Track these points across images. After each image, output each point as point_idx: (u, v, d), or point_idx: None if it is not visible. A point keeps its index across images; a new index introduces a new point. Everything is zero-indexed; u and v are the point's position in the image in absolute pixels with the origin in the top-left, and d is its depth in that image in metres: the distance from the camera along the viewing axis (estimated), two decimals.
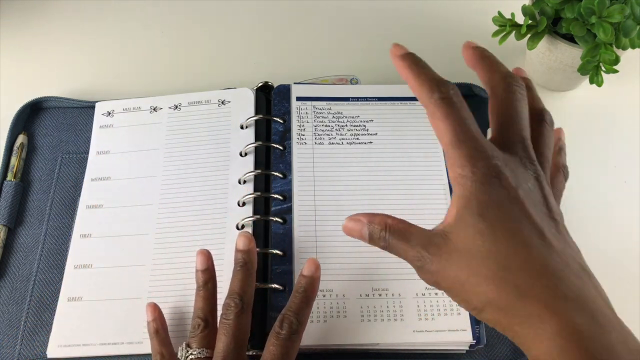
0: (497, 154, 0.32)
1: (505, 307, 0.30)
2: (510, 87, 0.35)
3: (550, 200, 0.33)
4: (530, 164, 0.33)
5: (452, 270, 0.31)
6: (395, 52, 0.37)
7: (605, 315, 0.31)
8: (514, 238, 0.30)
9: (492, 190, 0.31)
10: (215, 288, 0.45)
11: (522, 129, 0.34)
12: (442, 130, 0.33)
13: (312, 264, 0.44)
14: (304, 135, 0.54)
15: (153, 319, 0.45)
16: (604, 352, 0.29)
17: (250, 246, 0.46)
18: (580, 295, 0.30)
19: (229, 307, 0.42)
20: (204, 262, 0.45)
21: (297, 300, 0.42)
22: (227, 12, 0.70)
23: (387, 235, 0.34)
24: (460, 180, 0.32)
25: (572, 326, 0.29)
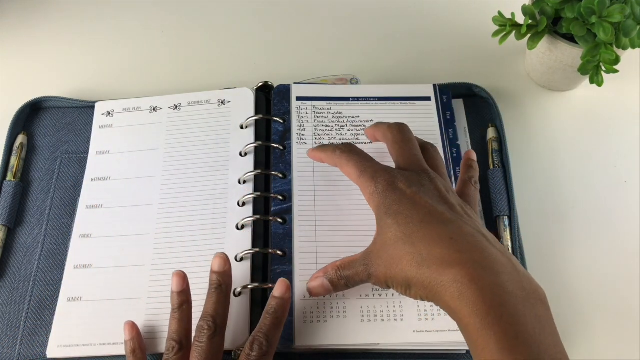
0: (392, 170, 0.43)
1: (418, 274, 0.38)
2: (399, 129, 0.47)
3: (443, 192, 0.42)
4: (423, 172, 0.43)
5: (382, 263, 0.40)
6: (309, 153, 0.50)
7: (496, 261, 0.37)
8: (412, 220, 0.39)
9: (392, 194, 0.41)
10: (190, 310, 0.45)
11: (413, 152, 0.45)
12: (349, 171, 0.44)
13: (283, 284, 0.44)
14: (304, 135, 0.54)
15: (131, 338, 0.45)
16: (494, 289, 0.35)
17: (225, 268, 0.46)
18: (473, 249, 0.37)
19: (202, 329, 0.42)
20: (180, 284, 0.45)
21: (267, 322, 0.43)
22: (227, 12, 0.70)
23: (340, 272, 0.43)
24: (371, 198, 0.42)
25: (465, 272, 0.36)
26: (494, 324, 0.34)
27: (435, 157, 0.47)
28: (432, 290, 0.37)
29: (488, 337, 0.34)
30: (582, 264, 0.53)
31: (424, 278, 0.37)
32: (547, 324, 0.35)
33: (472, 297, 0.35)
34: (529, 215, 0.55)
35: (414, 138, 0.47)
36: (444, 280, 0.36)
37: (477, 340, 0.35)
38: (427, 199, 0.41)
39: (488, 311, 0.34)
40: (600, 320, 0.51)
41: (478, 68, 0.65)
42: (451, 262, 0.36)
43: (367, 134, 0.50)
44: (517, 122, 0.61)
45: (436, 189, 0.42)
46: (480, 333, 0.34)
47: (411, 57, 0.66)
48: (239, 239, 0.50)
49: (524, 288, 0.36)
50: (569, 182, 0.58)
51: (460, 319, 0.36)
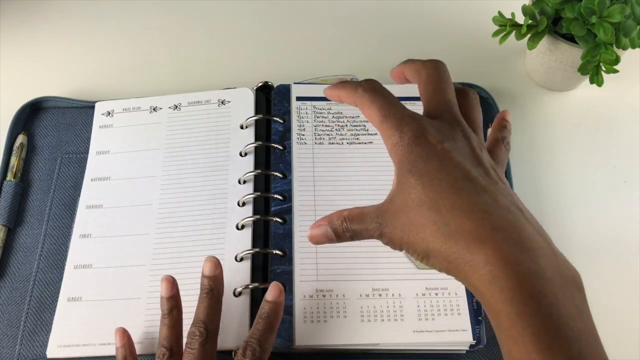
0: (421, 119, 0.36)
1: (442, 247, 0.33)
2: (434, 66, 0.39)
3: (477, 152, 0.36)
4: (457, 124, 0.37)
5: (399, 226, 0.35)
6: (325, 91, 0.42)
7: (535, 243, 0.32)
8: (440, 184, 0.34)
9: (419, 149, 0.35)
10: (181, 315, 0.45)
11: (447, 98, 0.38)
12: (370, 114, 0.37)
13: (276, 288, 0.44)
14: (304, 135, 0.54)
15: (122, 345, 0.45)
16: (532, 276, 0.31)
17: (216, 272, 0.45)
18: (509, 227, 0.32)
19: (194, 335, 0.42)
20: (169, 289, 0.44)
21: (260, 326, 0.42)
22: (227, 12, 0.70)
23: (348, 224, 0.38)
24: (393, 149, 0.36)
25: (499, 254, 0.31)
26: (531, 315, 0.30)
27: (473, 106, 0.40)
28: (458, 267, 0.33)
29: (523, 329, 0.30)
30: (582, 263, 0.53)
31: (449, 252, 0.33)
32: (586, 316, 0.32)
33: (507, 284, 0.31)
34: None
35: (450, 81, 0.40)
36: (475, 260, 0.32)
37: (509, 329, 0.31)
38: (460, 158, 0.35)
39: (525, 301, 0.30)
40: (600, 320, 0.50)
41: (478, 68, 0.65)
42: (484, 240, 0.32)
43: (394, 75, 0.43)
44: (517, 122, 0.61)
45: (470, 146, 0.36)
46: (513, 323, 0.30)
47: (411, 57, 0.66)
48: (239, 239, 0.50)
49: (563, 275, 0.32)
50: (569, 182, 0.58)
51: (490, 305, 0.32)
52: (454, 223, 0.33)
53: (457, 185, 0.34)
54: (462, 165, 0.34)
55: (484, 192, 0.34)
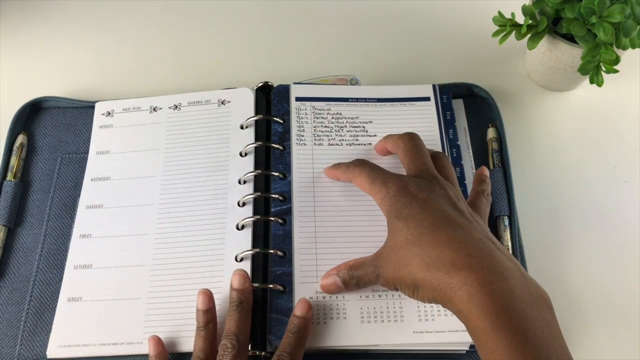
0: (403, 176, 0.44)
1: (426, 276, 0.39)
2: (410, 137, 0.48)
3: (454, 199, 0.43)
4: (435, 179, 0.44)
5: (391, 265, 0.41)
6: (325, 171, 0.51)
7: (504, 266, 0.38)
8: (423, 224, 0.40)
9: (403, 199, 0.42)
10: (216, 328, 0.45)
11: (423, 161, 0.46)
12: (361, 182, 0.46)
13: (305, 304, 0.45)
14: (303, 136, 0.54)
15: (156, 354, 0.45)
16: (503, 293, 0.36)
17: (246, 285, 0.46)
18: (482, 254, 0.38)
19: (226, 348, 0.43)
20: (206, 302, 0.45)
21: (291, 340, 0.43)
22: (227, 12, 0.70)
23: (352, 273, 0.44)
24: (382, 202, 0.44)
25: (474, 275, 0.37)
26: (503, 327, 0.35)
27: (446, 165, 0.48)
28: (441, 292, 0.38)
29: (497, 340, 0.35)
30: (582, 264, 0.53)
31: (432, 280, 0.38)
32: (554, 328, 0.36)
33: (481, 300, 0.36)
34: (529, 215, 0.55)
35: (424, 146, 0.48)
36: (453, 282, 0.37)
37: (486, 342, 0.35)
38: (438, 203, 0.42)
39: (498, 314, 0.35)
40: (600, 320, 0.51)
41: (478, 68, 0.65)
42: (461, 266, 0.37)
43: (377, 149, 0.52)
44: (517, 122, 0.61)
45: (447, 195, 0.43)
46: (490, 336, 0.35)
47: (411, 57, 0.66)
48: (239, 239, 0.50)
49: (532, 293, 0.37)
50: (569, 182, 0.58)
51: (468, 321, 0.37)
52: (435, 254, 0.39)
53: (436, 223, 0.40)
54: (440, 208, 0.41)
55: (460, 228, 0.40)
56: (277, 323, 0.46)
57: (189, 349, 0.46)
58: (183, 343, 0.46)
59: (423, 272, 0.39)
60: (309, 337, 0.45)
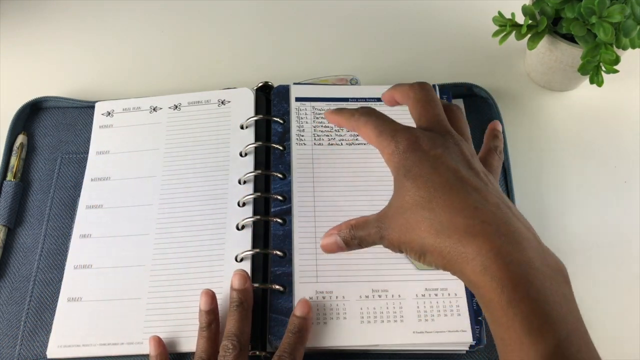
0: (414, 130, 0.39)
1: (436, 243, 0.35)
2: (421, 87, 0.43)
3: (468, 157, 0.39)
4: (448, 134, 0.40)
5: (396, 227, 0.37)
6: (326, 115, 0.45)
7: (522, 235, 0.35)
8: (433, 185, 0.36)
9: (413, 155, 0.37)
10: (218, 328, 0.45)
11: (436, 112, 0.41)
12: (367, 133, 0.41)
13: (305, 304, 0.45)
14: (303, 136, 0.54)
15: (157, 354, 0.45)
16: (521, 265, 0.33)
17: (246, 285, 0.46)
18: (499, 222, 0.35)
19: (227, 348, 0.43)
20: (209, 303, 0.46)
21: (291, 340, 0.43)
22: (227, 12, 0.70)
23: (354, 232, 0.40)
24: (390, 158, 0.39)
25: (489, 245, 0.33)
26: (520, 302, 0.32)
27: (460, 118, 0.44)
28: (451, 260, 0.35)
29: (513, 315, 0.32)
30: (582, 264, 0.53)
31: (442, 247, 0.35)
32: (572, 303, 0.34)
33: (497, 272, 0.33)
34: (529, 215, 0.54)
35: (437, 98, 0.43)
36: (467, 251, 0.34)
37: (501, 317, 0.33)
38: (451, 161, 0.37)
39: (514, 288, 0.32)
40: (600, 320, 0.51)
41: (478, 68, 0.65)
42: (475, 233, 0.34)
43: (385, 99, 0.46)
44: (517, 122, 0.61)
45: (461, 152, 0.39)
46: (505, 310, 0.32)
47: (411, 57, 0.66)
48: (239, 239, 0.50)
49: (550, 265, 0.34)
50: (569, 182, 0.58)
51: (482, 294, 0.34)
52: (447, 219, 0.35)
53: (449, 185, 0.36)
54: (454, 167, 0.37)
55: (475, 191, 0.36)
56: (277, 323, 0.46)
57: (190, 349, 0.46)
58: (183, 343, 0.46)
59: (432, 238, 0.35)
60: (309, 337, 0.45)
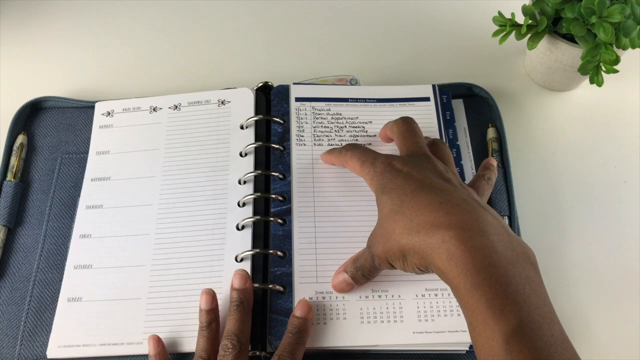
0: (390, 156, 0.44)
1: (410, 241, 0.38)
2: (403, 121, 0.48)
3: (441, 170, 0.43)
4: (424, 156, 0.44)
5: (380, 240, 0.41)
6: (321, 157, 0.52)
7: (487, 222, 0.37)
8: (405, 192, 0.40)
9: (388, 175, 0.42)
10: (219, 328, 0.45)
11: (415, 140, 0.46)
12: (353, 165, 0.46)
13: (305, 305, 0.45)
14: (303, 137, 0.54)
15: (156, 353, 0.45)
16: (483, 250, 0.35)
17: (246, 285, 0.46)
18: (462, 212, 0.37)
19: (227, 348, 0.43)
20: (209, 302, 0.46)
21: (291, 341, 0.44)
22: (227, 12, 0.70)
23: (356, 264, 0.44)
24: (371, 182, 0.44)
25: (453, 232, 0.36)
26: (483, 284, 0.34)
27: (442, 148, 0.48)
28: (423, 254, 0.37)
29: (478, 297, 0.34)
30: (582, 263, 0.53)
31: (414, 243, 0.38)
32: (536, 285, 0.35)
33: (461, 258, 0.35)
34: (529, 215, 0.55)
35: (418, 129, 0.48)
36: (433, 242, 0.37)
37: (467, 301, 0.35)
38: (422, 173, 0.41)
39: (477, 272, 0.35)
40: (600, 320, 0.51)
41: (478, 68, 0.65)
42: (439, 225, 0.37)
43: (380, 137, 0.52)
44: (517, 122, 0.61)
45: (434, 167, 0.43)
46: (470, 293, 0.35)
47: (411, 57, 0.66)
48: (239, 239, 0.50)
49: (514, 249, 0.36)
50: (569, 182, 0.58)
51: (450, 280, 0.36)
52: (416, 218, 0.38)
53: (417, 190, 0.40)
54: (424, 176, 0.41)
55: (441, 191, 0.40)
56: (277, 323, 0.46)
57: (189, 349, 0.46)
58: (183, 343, 0.46)
59: (405, 237, 0.38)
60: (309, 337, 0.45)
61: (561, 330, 0.34)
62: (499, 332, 0.33)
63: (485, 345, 0.34)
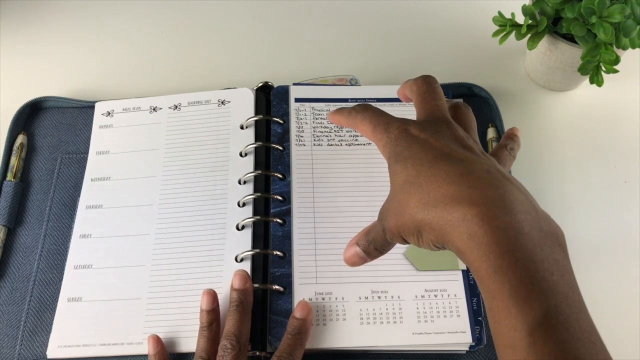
0: (406, 120, 0.39)
1: (426, 216, 0.34)
2: (423, 79, 0.43)
3: (462, 138, 0.38)
4: (443, 121, 0.39)
5: (392, 214, 0.37)
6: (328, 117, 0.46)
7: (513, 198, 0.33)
8: (421, 162, 0.36)
9: (403, 141, 0.37)
10: (219, 328, 0.46)
11: (435, 103, 0.41)
12: (364, 128, 0.41)
13: (304, 306, 0.45)
14: (303, 137, 0.54)
15: (155, 353, 0.45)
16: (509, 230, 0.31)
17: (246, 285, 0.46)
18: (486, 185, 0.33)
19: (226, 348, 0.43)
20: (210, 303, 0.46)
21: (290, 342, 0.43)
22: (227, 12, 0.70)
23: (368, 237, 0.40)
24: (384, 149, 0.39)
25: (475, 209, 0.32)
26: (508, 269, 0.31)
27: (465, 113, 0.43)
28: (441, 231, 0.33)
29: (501, 284, 0.31)
30: (582, 264, 0.53)
31: (431, 218, 0.34)
32: (565, 270, 0.32)
33: (483, 238, 0.31)
34: None
35: (439, 90, 0.43)
36: (452, 218, 0.32)
37: (488, 285, 0.31)
38: (441, 140, 0.37)
39: (501, 255, 0.31)
40: (600, 320, 0.51)
41: (478, 68, 0.65)
42: (460, 199, 0.33)
43: (400, 96, 0.47)
44: (517, 122, 0.61)
45: (454, 134, 0.38)
46: (492, 278, 0.31)
47: (411, 57, 0.66)
48: (239, 239, 0.50)
49: (542, 229, 0.33)
50: (569, 182, 0.58)
51: (470, 262, 0.33)
52: (433, 190, 0.34)
53: (435, 159, 0.35)
54: (443, 144, 0.36)
55: (462, 162, 0.35)
56: (277, 324, 0.46)
57: (189, 349, 0.46)
58: (183, 343, 0.46)
59: (421, 211, 0.34)
60: (309, 338, 0.45)
61: (589, 320, 0.32)
62: (523, 323, 0.30)
63: (506, 334, 0.31)
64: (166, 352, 0.46)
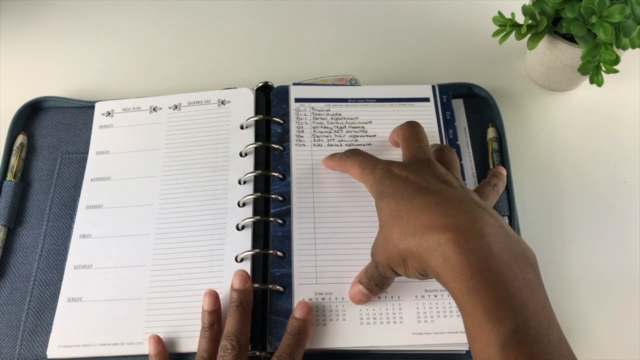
0: (390, 162, 0.44)
1: (408, 245, 0.37)
2: (408, 125, 0.48)
3: (441, 174, 0.42)
4: (425, 161, 0.43)
5: (380, 248, 0.40)
6: (322, 162, 0.52)
7: (484, 223, 0.36)
8: (402, 197, 0.39)
9: (387, 181, 0.42)
10: (221, 329, 0.45)
11: (418, 145, 0.45)
12: (353, 171, 0.46)
13: (304, 306, 0.45)
14: (303, 137, 0.54)
15: (156, 353, 0.45)
16: (479, 252, 0.34)
17: (246, 286, 0.46)
18: (459, 213, 0.36)
19: (226, 349, 0.43)
20: (212, 303, 0.46)
21: (291, 342, 0.44)
22: (227, 12, 0.70)
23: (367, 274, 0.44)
24: (371, 189, 0.43)
25: (448, 234, 0.35)
26: (479, 289, 0.33)
27: (449, 154, 0.47)
28: (421, 258, 0.36)
29: (474, 303, 0.33)
30: (582, 264, 0.53)
31: (411, 246, 0.37)
32: (534, 288, 0.34)
33: (456, 261, 0.34)
34: (529, 215, 0.55)
35: (422, 134, 0.47)
36: (429, 244, 0.36)
37: (463, 305, 0.34)
38: (420, 177, 0.41)
39: (472, 276, 0.34)
40: (601, 320, 0.51)
41: (478, 68, 0.65)
42: (435, 226, 0.36)
43: (390, 141, 0.52)
44: (517, 122, 0.61)
45: (433, 171, 0.42)
46: (466, 298, 0.34)
47: (411, 57, 0.66)
48: (239, 239, 0.50)
49: (512, 251, 0.35)
50: (569, 182, 0.58)
51: (446, 284, 0.35)
52: (412, 221, 0.37)
53: (414, 193, 0.39)
54: (422, 180, 0.40)
55: (438, 193, 0.39)
56: (277, 324, 0.46)
57: (189, 349, 0.46)
58: (183, 343, 0.46)
59: (403, 241, 0.37)
60: (309, 338, 0.45)
61: (560, 334, 0.34)
62: (495, 339, 0.32)
63: (481, 351, 0.33)
64: (167, 352, 0.46)
